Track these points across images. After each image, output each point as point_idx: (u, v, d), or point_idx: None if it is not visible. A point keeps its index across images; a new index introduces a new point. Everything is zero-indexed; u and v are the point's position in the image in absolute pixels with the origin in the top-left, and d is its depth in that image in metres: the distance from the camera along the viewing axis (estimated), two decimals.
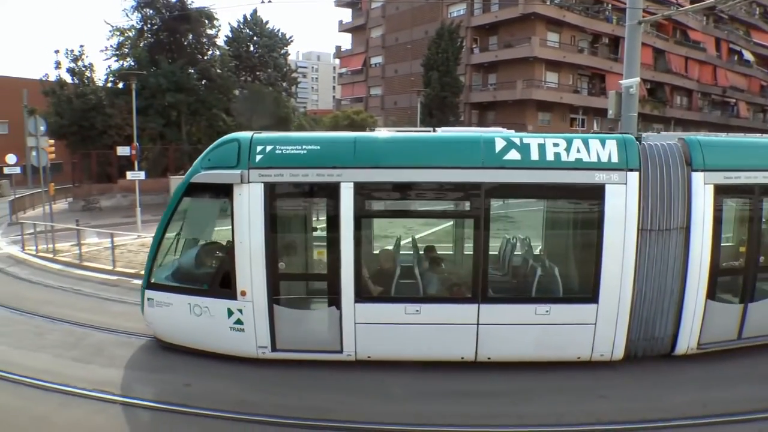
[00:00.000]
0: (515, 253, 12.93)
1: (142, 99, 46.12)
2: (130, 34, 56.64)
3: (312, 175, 10.48)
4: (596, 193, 10.41)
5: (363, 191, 10.50)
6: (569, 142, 10.57)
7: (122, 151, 35.76)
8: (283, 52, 69.15)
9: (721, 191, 10.72)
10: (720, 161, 10.78)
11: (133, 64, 53.22)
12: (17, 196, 35.81)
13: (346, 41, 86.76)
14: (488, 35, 62.26)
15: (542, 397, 9.79)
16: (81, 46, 58.99)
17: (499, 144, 10.52)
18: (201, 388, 10.10)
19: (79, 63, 52.46)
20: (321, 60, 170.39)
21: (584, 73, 62.87)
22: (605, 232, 10.39)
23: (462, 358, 10.84)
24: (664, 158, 10.70)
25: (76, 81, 52.26)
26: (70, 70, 52.15)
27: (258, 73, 65.99)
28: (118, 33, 56.69)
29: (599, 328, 10.63)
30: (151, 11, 56.05)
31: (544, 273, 11.36)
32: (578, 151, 10.48)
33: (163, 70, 51.37)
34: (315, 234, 11.74)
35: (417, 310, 10.66)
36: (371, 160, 10.54)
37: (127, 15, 57.60)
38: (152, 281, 11.66)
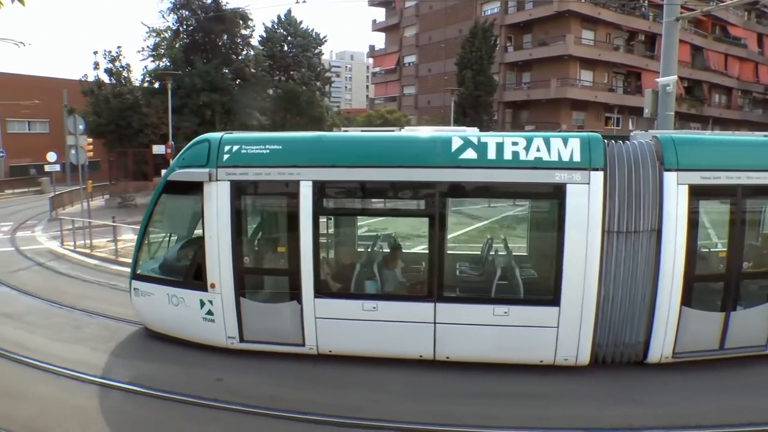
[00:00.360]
0: (475, 253, 12.85)
1: (177, 98, 46.74)
2: (167, 35, 57.39)
3: (274, 174, 10.73)
4: (557, 192, 10.17)
5: (321, 189, 10.69)
6: (529, 141, 10.34)
7: (158, 149, 36.33)
8: (316, 51, 69.40)
9: (698, 192, 10.16)
10: (696, 160, 10.23)
11: (168, 64, 53.95)
12: (57, 192, 36.47)
13: (379, 41, 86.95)
14: (522, 33, 61.82)
15: (571, 400, 9.62)
16: (118, 47, 59.62)
17: (456, 143, 10.41)
18: (232, 382, 10.17)
19: (117, 64, 53.40)
20: (354, 59, 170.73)
21: (620, 71, 62.01)
22: (567, 234, 10.09)
23: (421, 356, 10.82)
24: (633, 157, 10.33)
25: (114, 81, 53.18)
26: (108, 71, 53.07)
27: (292, 72, 66.30)
28: (154, 34, 57.51)
29: (562, 331, 10.33)
30: (186, 12, 56.77)
31: (504, 274, 11.26)
32: (538, 150, 10.24)
33: (198, 70, 51.96)
34: (278, 230, 11.91)
35: (374, 307, 10.73)
36: (330, 159, 10.70)
37: (163, 16, 58.47)
38: (138, 272, 12.30)
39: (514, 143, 10.32)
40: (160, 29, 57.66)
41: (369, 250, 13.18)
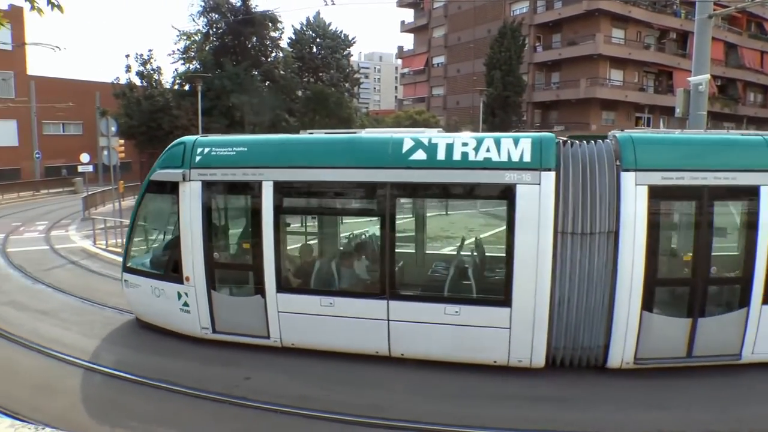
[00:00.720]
0: (428, 252, 12.93)
1: (207, 100, 47.23)
2: (197, 38, 58.05)
3: (239, 174, 11.30)
4: (507, 193, 10.11)
5: (282, 189, 11.12)
6: (479, 142, 10.38)
7: None
8: (345, 53, 69.60)
9: (659, 193, 9.91)
10: (658, 160, 10.01)
11: (198, 66, 54.58)
12: (89, 192, 37.00)
13: (408, 41, 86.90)
14: (551, 33, 61.26)
15: (607, 403, 9.48)
16: (150, 50, 60.68)
17: (407, 144, 10.57)
18: (261, 381, 10.27)
19: (148, 66, 54.24)
20: (383, 60, 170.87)
21: (650, 71, 61.07)
22: (517, 234, 10.02)
23: (377, 352, 10.99)
24: (589, 157, 10.21)
25: (145, 84, 54.00)
26: (140, 74, 53.90)
27: (321, 74, 66.57)
28: (185, 37, 58.23)
29: (514, 332, 10.24)
30: (216, 16, 57.38)
31: (456, 273, 11.30)
32: (488, 150, 10.25)
33: (228, 72, 52.47)
34: (244, 228, 12.26)
35: (331, 303, 11.03)
36: (289, 161, 11.14)
37: (193, 20, 59.04)
38: (128, 265, 13.10)
39: (464, 144, 10.41)
40: (190, 32, 58.41)
41: (329, 247, 13.51)
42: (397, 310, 10.73)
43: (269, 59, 60.45)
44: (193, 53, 57.88)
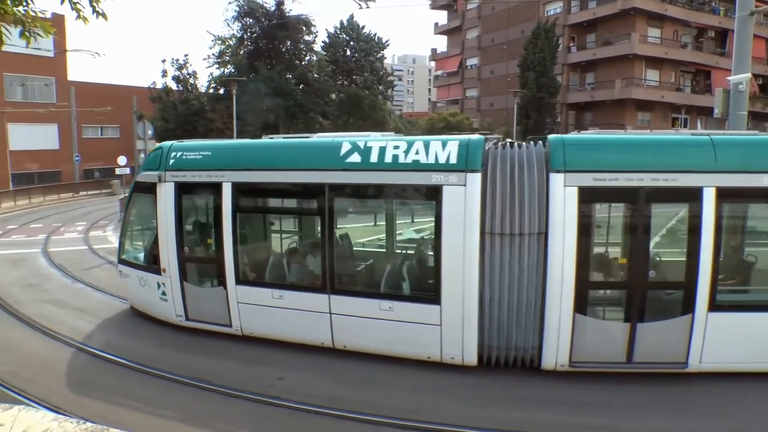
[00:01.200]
0: (368, 249, 13.48)
1: (241, 104, 47.73)
2: (231, 42, 58.75)
3: (204, 176, 12.35)
4: (434, 194, 10.40)
5: (239, 189, 12.07)
6: (410, 145, 10.74)
7: None
8: (379, 55, 69.77)
9: (590, 194, 9.87)
10: (589, 162, 9.94)
11: (233, 70, 55.23)
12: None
13: (441, 43, 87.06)
14: (586, 33, 60.39)
15: (635, 410, 9.23)
16: (185, 55, 61.71)
17: (344, 148, 11.12)
18: (294, 381, 10.36)
19: (184, 71, 55.10)
20: (416, 63, 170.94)
21: (687, 70, 59.75)
22: (444, 234, 10.31)
23: (322, 343, 11.60)
24: (518, 159, 10.27)
25: (181, 88, 54.77)
26: (175, 78, 54.81)
27: (354, 77, 66.84)
28: (219, 42, 59.02)
29: (445, 329, 10.49)
30: (251, 20, 58.00)
31: (390, 271, 11.77)
32: (417, 153, 10.59)
33: (262, 75, 53.02)
34: (208, 224, 13.07)
35: (280, 296, 11.82)
36: (245, 164, 12.17)
37: (228, 25, 59.80)
38: (122, 257, 14.55)
39: (396, 147, 10.82)
40: (225, 37, 59.19)
41: (281, 244, 14.07)
42: (337, 304, 11.32)
43: (303, 62, 60.95)
44: (227, 57, 58.63)
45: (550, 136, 10.44)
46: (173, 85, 55.55)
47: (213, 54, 59.56)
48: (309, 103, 56.78)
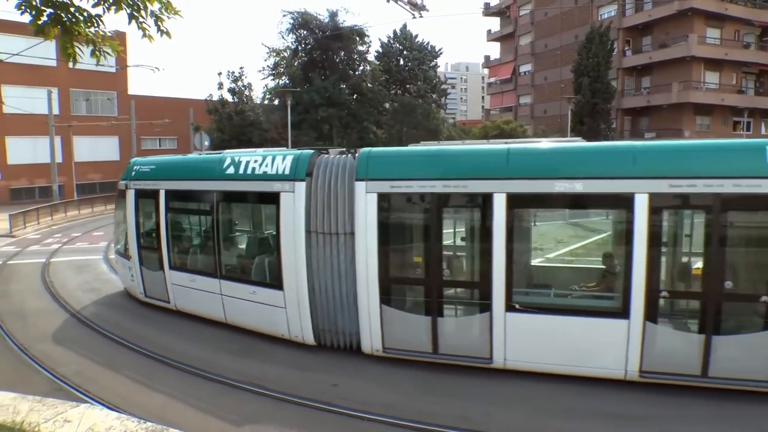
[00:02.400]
0: (244, 244, 15.83)
1: (296, 114, 48.46)
2: (286, 54, 59.57)
3: (151, 185, 15.72)
4: (275, 199, 12.58)
5: (169, 195, 15.28)
6: (264, 158, 13.04)
7: None
8: (432, 64, 69.95)
9: (387, 199, 11.32)
10: (387, 171, 11.40)
11: (288, 81, 56.04)
12: None
13: (494, 50, 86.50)
14: (641, 36, 59.29)
15: (697, 424, 9.05)
16: (241, 67, 62.86)
17: (226, 162, 13.72)
18: (348, 388, 10.47)
19: (239, 83, 56.07)
20: (470, 70, 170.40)
21: (750, 71, 57.95)
22: (282, 232, 12.45)
23: (219, 319, 14.29)
24: (334, 170, 11.98)
25: (236, 100, 55.78)
26: (231, 90, 55.86)
27: (408, 86, 67.14)
28: (274, 54, 59.99)
29: (288, 312, 12.56)
30: (305, 32, 58.74)
31: (257, 261, 13.94)
32: (266, 165, 12.86)
33: (316, 86, 53.67)
34: (154, 221, 15.92)
35: (193, 280, 14.80)
36: (173, 175, 15.55)
37: (282, 37, 60.65)
38: (117, 249, 18.30)
39: (255, 161, 13.18)
40: (279, 49, 60.15)
41: (197, 238, 16.34)
42: (224, 287, 14.00)
43: (357, 72, 61.46)
44: (282, 69, 59.52)
45: (362, 150, 12.19)
46: (229, 97, 56.68)
47: (268, 66, 60.66)
48: (363, 112, 57.24)
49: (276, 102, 56.37)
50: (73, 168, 52.14)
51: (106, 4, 6.36)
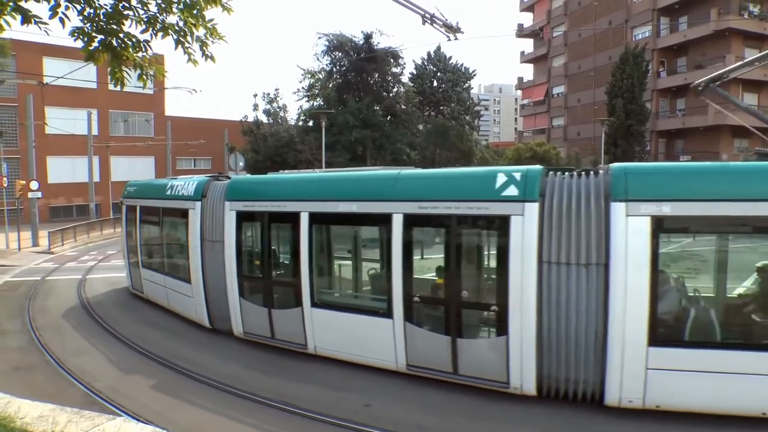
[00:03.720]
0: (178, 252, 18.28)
1: (330, 135, 48.80)
2: (321, 76, 60.16)
3: (132, 202, 20.44)
4: (186, 214, 16.20)
5: (142, 210, 19.58)
6: (183, 183, 16.84)
7: None
8: (465, 85, 70.19)
9: (242, 217, 14.23)
10: (244, 195, 14.37)
11: (322, 103, 56.63)
12: None
13: (527, 72, 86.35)
14: (676, 57, 58.48)
15: None
16: (276, 89, 63.33)
17: (169, 185, 17.62)
18: (381, 409, 10.42)
19: (274, 105, 56.72)
20: (503, 92, 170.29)
21: None
22: (190, 239, 15.91)
23: (164, 304, 18.23)
24: (219, 193, 15.17)
25: (271, 121, 56.38)
26: (266, 111, 56.52)
27: (441, 107, 67.38)
28: (309, 76, 60.59)
29: (195, 302, 16.02)
30: (339, 54, 59.27)
31: (179, 262, 17.38)
32: (181, 188, 16.75)
33: (350, 107, 54.04)
34: (134, 230, 20.26)
35: (152, 275, 19.04)
36: (145, 195, 19.74)
37: (317, 59, 61.28)
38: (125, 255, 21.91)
39: (180, 185, 16.96)
40: (314, 71, 60.78)
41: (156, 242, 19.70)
42: (168, 280, 17.77)
43: (391, 94, 61.83)
44: (317, 90, 60.18)
45: (235, 177, 16.44)
46: (264, 118, 57.37)
47: (303, 87, 61.40)
48: (396, 134, 57.48)
49: (310, 123, 56.85)
50: (110, 187, 53.15)
51: (154, 30, 6.58)
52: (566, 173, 10.58)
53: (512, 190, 10.21)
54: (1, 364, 13.20)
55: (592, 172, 10.44)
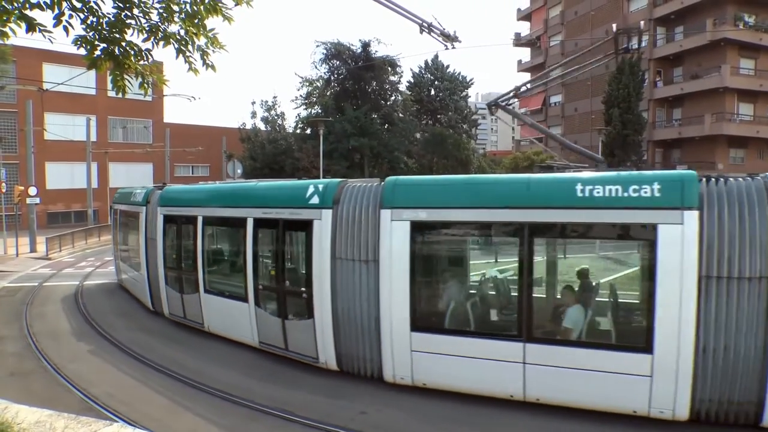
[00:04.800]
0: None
1: (327, 143, 48.90)
2: (318, 84, 60.33)
3: (115, 206, 24.03)
4: (138, 217, 19.45)
5: (121, 214, 22.79)
6: (142, 191, 19.62)
7: None
8: (463, 94, 70.36)
9: (168, 219, 17.09)
10: (170, 202, 17.17)
11: (320, 111, 56.72)
12: None
13: (524, 81, 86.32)
14: (672, 67, 58.42)
15: None
16: (274, 97, 63.87)
17: (133, 192, 21.01)
18: (376, 416, 10.44)
19: (272, 112, 56.88)
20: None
21: None
22: (139, 238, 19.16)
23: (131, 290, 21.57)
24: (155, 201, 17.96)
25: (269, 128, 56.52)
26: (264, 119, 56.72)
27: (439, 116, 67.55)
28: (307, 84, 60.74)
29: (141, 287, 19.42)
30: (337, 62, 59.43)
31: (133, 256, 20.80)
32: (137, 194, 19.97)
33: (348, 116, 54.17)
34: (117, 232, 23.70)
35: (123, 266, 22.61)
36: (124, 201, 22.34)
37: (315, 67, 61.46)
38: None
39: (137, 192, 20.14)
40: (312, 79, 60.91)
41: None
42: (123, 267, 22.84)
43: (388, 102, 62.01)
44: (315, 98, 60.33)
45: (168, 187, 18.76)
46: (262, 126, 57.55)
47: (301, 95, 61.60)
48: (394, 142, 57.55)
49: (308, 131, 56.99)
50: (108, 193, 53.14)
51: (155, 39, 6.66)
52: (359, 184, 12.36)
53: (315, 199, 12.36)
54: None
55: (376, 183, 12.05)
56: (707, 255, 9.10)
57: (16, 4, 6.01)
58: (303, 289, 12.71)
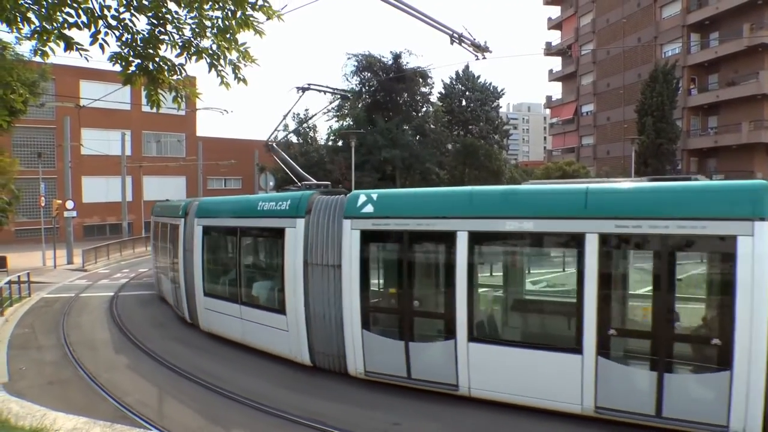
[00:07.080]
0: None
1: (359, 155, 49.00)
2: (350, 96, 60.52)
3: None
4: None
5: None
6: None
7: None
8: (494, 104, 69.96)
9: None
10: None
11: (351, 123, 56.89)
12: None
13: (556, 90, 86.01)
14: (707, 74, 57.42)
15: None
16: (306, 109, 63.82)
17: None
18: (410, 427, 10.41)
19: (304, 125, 57.17)
20: (531, 111, 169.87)
21: None
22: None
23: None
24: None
25: (301, 141, 56.87)
26: (296, 131, 56.94)
27: (470, 126, 67.23)
28: (339, 96, 60.79)
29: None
30: (369, 74, 59.59)
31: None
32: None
33: (380, 127, 54.26)
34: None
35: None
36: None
37: (347, 79, 61.65)
38: None
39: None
40: (345, 91, 61.05)
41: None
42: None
43: (420, 114, 61.97)
44: (346, 110, 60.53)
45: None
46: (294, 139, 57.91)
47: (332, 108, 61.86)
48: (425, 153, 57.42)
49: (340, 143, 57.20)
50: (142, 206, 54.01)
51: (188, 54, 6.80)
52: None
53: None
54: (37, 378, 13.59)
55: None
56: (309, 248, 13.35)
57: (55, 24, 6.19)
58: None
